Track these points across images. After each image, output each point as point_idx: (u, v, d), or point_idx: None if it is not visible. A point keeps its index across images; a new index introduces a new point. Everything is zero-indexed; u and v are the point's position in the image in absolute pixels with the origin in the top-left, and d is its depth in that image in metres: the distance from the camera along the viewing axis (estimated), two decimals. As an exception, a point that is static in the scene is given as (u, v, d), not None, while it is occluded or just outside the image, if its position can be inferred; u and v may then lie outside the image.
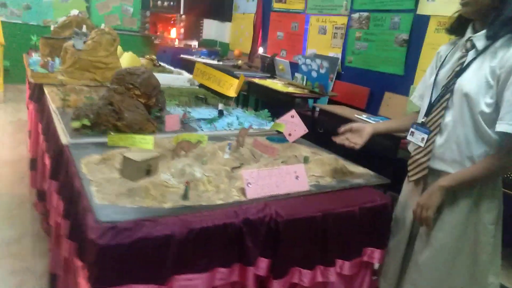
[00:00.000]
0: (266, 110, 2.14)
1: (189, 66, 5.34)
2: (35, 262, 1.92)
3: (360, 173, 1.56)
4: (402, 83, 3.57)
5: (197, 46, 6.28)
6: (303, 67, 3.91)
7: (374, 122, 2.90)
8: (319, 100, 3.95)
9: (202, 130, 1.85)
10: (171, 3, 5.98)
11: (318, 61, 3.74)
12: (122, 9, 6.05)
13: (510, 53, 1.08)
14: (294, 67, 4.10)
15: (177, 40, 6.29)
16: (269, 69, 4.62)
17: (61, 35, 3.07)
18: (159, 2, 5.95)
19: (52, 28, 3.29)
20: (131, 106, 1.66)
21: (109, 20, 5.96)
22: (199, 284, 1.03)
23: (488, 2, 1.12)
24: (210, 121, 1.93)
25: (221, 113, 2.23)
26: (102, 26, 2.62)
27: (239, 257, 1.11)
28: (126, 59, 2.93)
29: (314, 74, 3.79)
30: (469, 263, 1.24)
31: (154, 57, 3.85)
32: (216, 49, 6.48)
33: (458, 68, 1.20)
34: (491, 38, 1.13)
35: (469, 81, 1.15)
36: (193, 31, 6.54)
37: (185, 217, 1.05)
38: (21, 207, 2.46)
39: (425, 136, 1.24)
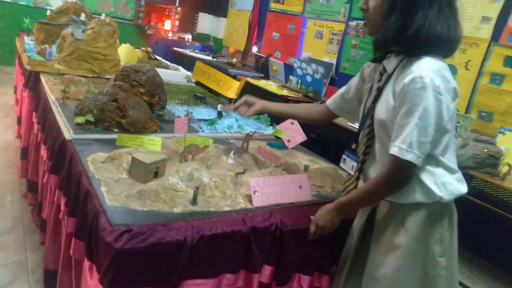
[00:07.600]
0: (266, 115, 2.16)
1: (182, 59, 5.28)
2: (26, 256, 1.88)
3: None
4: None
5: (190, 40, 6.22)
6: (298, 71, 3.94)
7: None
8: (312, 104, 3.99)
9: (203, 131, 1.86)
10: (167, -6, 5.90)
11: (314, 66, 3.78)
12: (117, -5, 5.92)
13: (404, 74, 1.01)
14: (288, 69, 4.12)
15: (170, 32, 6.20)
16: (263, 69, 4.59)
17: (57, 21, 2.99)
18: (155, -8, 5.85)
19: (48, 12, 3.21)
20: (135, 103, 1.66)
21: (102, 6, 5.82)
22: (206, 289, 1.06)
23: (379, 19, 1.05)
24: (211, 122, 1.94)
25: (220, 115, 2.24)
26: (103, 16, 2.57)
27: (245, 264, 1.14)
28: (124, 51, 2.89)
29: (308, 78, 3.84)
30: None
31: (150, 49, 3.80)
32: (209, 44, 6.43)
33: (375, 93, 1.14)
34: (403, 53, 1.06)
35: (381, 107, 1.09)
36: (187, 24, 6.47)
37: (195, 223, 1.07)
38: (10, 196, 2.39)
39: (354, 164, 1.19)
